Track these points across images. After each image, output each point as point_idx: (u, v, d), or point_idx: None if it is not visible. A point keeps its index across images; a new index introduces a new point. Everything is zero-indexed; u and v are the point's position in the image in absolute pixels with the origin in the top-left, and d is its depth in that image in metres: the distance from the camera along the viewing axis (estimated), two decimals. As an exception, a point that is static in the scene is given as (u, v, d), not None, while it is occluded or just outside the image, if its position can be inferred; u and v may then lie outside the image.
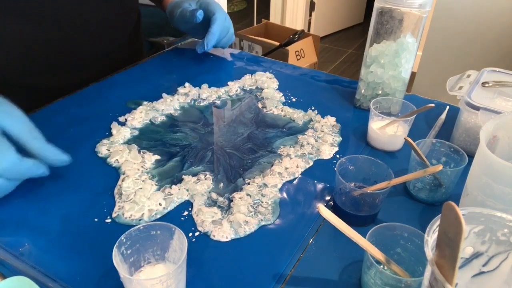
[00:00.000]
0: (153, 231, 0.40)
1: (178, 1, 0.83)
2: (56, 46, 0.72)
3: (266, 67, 0.86)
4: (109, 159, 0.58)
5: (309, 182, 0.55)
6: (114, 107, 0.70)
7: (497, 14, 1.75)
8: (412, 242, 0.40)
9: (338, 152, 0.61)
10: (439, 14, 1.91)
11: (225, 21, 0.81)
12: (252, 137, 0.64)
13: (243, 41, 2.20)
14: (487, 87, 0.60)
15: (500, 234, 0.32)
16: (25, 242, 0.45)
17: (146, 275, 0.40)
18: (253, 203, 0.51)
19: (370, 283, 0.39)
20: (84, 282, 0.41)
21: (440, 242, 0.28)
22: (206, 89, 0.76)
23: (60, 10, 0.69)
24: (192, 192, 0.52)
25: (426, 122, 0.68)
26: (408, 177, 0.47)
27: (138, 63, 0.87)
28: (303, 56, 2.18)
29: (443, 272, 0.27)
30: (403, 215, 0.50)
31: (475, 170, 0.41)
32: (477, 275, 0.34)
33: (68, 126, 0.65)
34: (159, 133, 0.64)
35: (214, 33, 0.79)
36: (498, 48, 1.80)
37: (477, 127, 0.57)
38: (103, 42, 0.79)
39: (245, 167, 0.57)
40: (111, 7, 0.77)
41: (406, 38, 0.63)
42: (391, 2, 0.60)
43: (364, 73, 0.68)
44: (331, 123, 0.67)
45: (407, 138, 0.50)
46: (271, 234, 0.47)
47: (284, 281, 0.42)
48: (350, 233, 0.39)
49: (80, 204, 0.51)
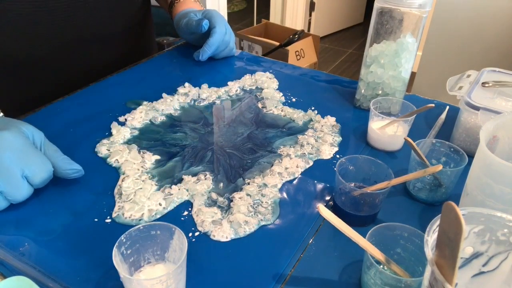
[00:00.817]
0: (153, 231, 0.40)
1: (184, 12, 0.85)
2: (63, 27, 0.73)
3: (266, 67, 0.86)
4: (109, 159, 0.58)
5: (309, 182, 0.55)
6: (114, 107, 0.70)
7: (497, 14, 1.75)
8: (412, 242, 0.40)
9: (338, 152, 0.61)
10: (439, 14, 1.91)
11: (224, 35, 0.83)
12: (252, 137, 0.64)
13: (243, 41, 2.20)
14: (487, 87, 0.60)
15: (500, 234, 0.32)
16: (25, 242, 0.45)
17: (146, 275, 0.40)
18: (253, 203, 0.51)
19: (370, 283, 0.39)
20: (84, 282, 0.41)
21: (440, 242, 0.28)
22: (206, 89, 0.76)
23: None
24: (192, 192, 0.52)
25: (426, 122, 0.68)
26: (408, 177, 0.47)
27: (138, 63, 0.87)
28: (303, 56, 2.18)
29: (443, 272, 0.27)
30: (403, 215, 0.50)
31: (475, 170, 0.41)
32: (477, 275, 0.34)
33: (68, 126, 0.65)
34: (159, 133, 0.64)
35: (211, 45, 0.81)
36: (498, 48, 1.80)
37: (477, 127, 0.57)
38: (109, 21, 0.81)
39: (245, 167, 0.57)
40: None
41: (406, 38, 0.63)
42: (391, 2, 0.60)
43: (364, 73, 0.68)
44: (331, 123, 0.67)
45: (407, 138, 0.50)
46: (271, 234, 0.48)
47: (284, 281, 0.42)
48: (350, 233, 0.39)
49: (80, 204, 0.51)
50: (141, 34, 0.93)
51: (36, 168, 0.48)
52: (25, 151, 0.48)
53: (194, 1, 0.90)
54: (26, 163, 0.48)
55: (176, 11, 0.88)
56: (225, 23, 0.83)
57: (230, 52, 0.88)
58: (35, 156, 0.49)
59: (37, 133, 0.52)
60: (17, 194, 0.48)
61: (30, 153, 0.49)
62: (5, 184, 0.46)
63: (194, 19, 0.82)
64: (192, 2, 0.89)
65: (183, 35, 0.88)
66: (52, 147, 0.52)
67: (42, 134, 0.53)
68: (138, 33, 0.92)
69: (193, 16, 0.83)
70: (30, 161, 0.48)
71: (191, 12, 0.84)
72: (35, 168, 0.48)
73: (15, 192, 0.47)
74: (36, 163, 0.48)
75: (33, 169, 0.48)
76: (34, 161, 0.48)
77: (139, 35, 0.92)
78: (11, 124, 0.50)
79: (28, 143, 0.49)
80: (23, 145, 0.48)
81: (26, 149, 0.48)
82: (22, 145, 0.48)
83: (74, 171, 0.52)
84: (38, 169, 0.48)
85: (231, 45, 0.87)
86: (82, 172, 0.53)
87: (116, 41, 0.85)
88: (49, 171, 0.50)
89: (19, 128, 0.50)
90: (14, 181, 0.47)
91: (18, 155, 0.47)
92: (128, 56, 0.89)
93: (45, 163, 0.50)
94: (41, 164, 0.49)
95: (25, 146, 0.48)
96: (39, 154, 0.50)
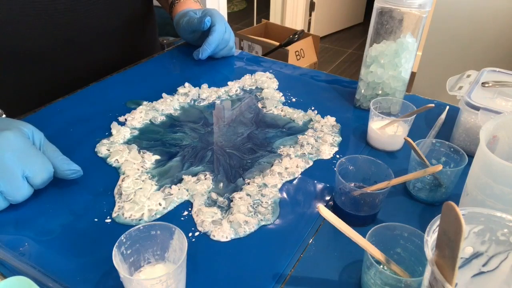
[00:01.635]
0: (153, 231, 0.40)
1: (184, 12, 0.85)
2: (65, 21, 0.73)
3: (266, 67, 0.86)
4: (109, 159, 0.58)
5: (309, 182, 0.55)
6: (114, 107, 0.70)
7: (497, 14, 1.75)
8: (412, 242, 0.40)
9: (338, 152, 0.61)
10: (439, 14, 1.91)
11: (224, 34, 0.83)
12: (252, 137, 0.64)
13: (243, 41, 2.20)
14: (487, 87, 0.60)
15: (500, 234, 0.32)
16: (25, 242, 0.45)
17: (146, 275, 0.40)
18: (253, 203, 0.51)
19: (370, 283, 0.39)
20: (84, 282, 0.41)
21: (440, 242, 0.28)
22: (206, 89, 0.76)
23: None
24: (192, 192, 0.52)
25: (426, 122, 0.68)
26: (408, 177, 0.47)
27: (138, 63, 0.87)
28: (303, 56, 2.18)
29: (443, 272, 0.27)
30: (403, 215, 0.50)
31: (475, 170, 0.41)
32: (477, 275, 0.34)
33: (68, 126, 0.65)
34: (159, 133, 0.64)
35: (210, 43, 0.81)
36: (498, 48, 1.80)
37: (477, 127, 0.57)
38: (110, 15, 0.81)
39: (245, 167, 0.57)
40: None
41: (406, 38, 0.63)
42: (391, 2, 0.60)
43: (364, 73, 0.68)
44: (331, 123, 0.67)
45: (407, 138, 0.50)
46: (271, 234, 0.48)
47: (284, 281, 0.42)
48: (350, 233, 0.39)
49: (80, 204, 0.51)
50: (144, 31, 0.93)
51: (37, 168, 0.48)
52: (26, 152, 0.48)
53: (195, 1, 0.91)
54: (27, 164, 0.48)
55: (177, 11, 0.88)
56: (224, 21, 0.84)
57: (230, 51, 0.88)
58: (36, 157, 0.49)
59: (37, 133, 0.52)
60: (17, 194, 0.48)
61: (31, 154, 0.49)
62: (5, 184, 0.46)
63: (196, 17, 0.82)
64: (193, 3, 0.90)
65: (183, 34, 0.88)
66: (51, 147, 0.52)
67: (42, 134, 0.53)
68: (140, 29, 0.92)
69: (194, 14, 0.83)
70: (31, 162, 0.48)
71: (191, 11, 0.84)
72: (36, 168, 0.48)
73: (15, 192, 0.47)
74: (37, 163, 0.49)
75: (34, 170, 0.48)
76: (35, 161, 0.48)
77: (141, 32, 0.92)
78: (12, 124, 0.50)
79: (29, 143, 0.49)
80: (24, 146, 0.48)
81: (27, 149, 0.49)
82: (23, 145, 0.48)
83: (73, 172, 0.52)
84: (39, 169, 0.48)
85: (231, 44, 0.87)
86: (81, 172, 0.53)
87: (118, 36, 0.85)
88: (50, 172, 0.50)
89: (20, 128, 0.50)
90: (14, 181, 0.47)
91: (19, 155, 0.47)
92: (131, 53, 0.90)
93: (46, 163, 0.50)
94: (41, 164, 0.49)
95: (26, 147, 0.49)
96: (40, 154, 0.50)
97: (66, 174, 0.51)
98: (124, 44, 0.88)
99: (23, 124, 0.51)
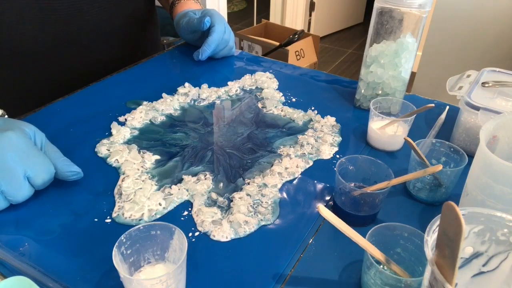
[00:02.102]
0: (153, 231, 0.40)
1: (184, 12, 0.86)
2: (67, 19, 0.74)
3: (266, 67, 0.86)
4: (109, 159, 0.58)
5: (309, 182, 0.55)
6: (114, 107, 0.70)
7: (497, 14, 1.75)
8: (412, 242, 0.40)
9: (338, 152, 0.61)
10: (439, 14, 1.91)
11: (224, 34, 0.83)
12: (252, 137, 0.64)
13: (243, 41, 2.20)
14: (487, 87, 0.60)
15: (500, 234, 0.32)
16: (25, 242, 0.45)
17: (146, 275, 0.40)
18: (253, 203, 0.51)
19: (370, 283, 0.39)
20: (84, 282, 0.41)
21: (440, 242, 0.28)
22: (206, 89, 0.76)
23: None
24: (192, 192, 0.52)
25: (426, 122, 0.68)
26: (408, 177, 0.47)
27: (138, 63, 0.87)
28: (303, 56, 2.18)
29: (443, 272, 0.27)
30: (403, 215, 0.50)
31: (475, 170, 0.41)
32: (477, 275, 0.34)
33: (68, 126, 0.65)
34: (159, 133, 0.64)
35: (210, 44, 0.81)
36: (498, 48, 1.80)
37: (477, 127, 0.57)
38: (111, 12, 0.81)
39: (245, 167, 0.57)
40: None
41: (406, 38, 0.63)
42: (391, 2, 0.60)
43: (364, 73, 0.68)
44: (331, 123, 0.67)
45: (407, 138, 0.50)
46: (271, 234, 0.48)
47: (284, 281, 0.42)
48: (350, 233, 0.39)
49: (80, 204, 0.51)
50: (146, 30, 0.93)
51: (38, 169, 0.48)
52: (28, 152, 0.48)
53: (195, 2, 0.91)
54: (29, 164, 0.48)
55: (177, 11, 0.88)
56: (224, 22, 0.84)
57: (230, 51, 0.88)
58: (38, 157, 0.49)
59: (39, 134, 0.52)
60: (18, 194, 0.48)
61: (33, 154, 0.49)
62: (6, 184, 0.46)
63: (195, 17, 0.82)
64: (193, 3, 0.90)
65: (183, 34, 0.88)
66: (52, 148, 0.52)
67: (43, 135, 0.53)
68: (143, 29, 0.92)
69: (193, 15, 0.83)
70: (32, 162, 0.48)
71: (191, 12, 0.85)
72: (37, 169, 0.48)
73: (16, 193, 0.47)
74: (39, 164, 0.49)
75: (36, 170, 0.48)
76: (37, 162, 0.48)
77: (143, 31, 0.92)
78: (14, 124, 0.50)
79: (31, 144, 0.50)
80: (26, 146, 0.48)
81: (29, 150, 0.49)
82: (25, 145, 0.48)
83: (73, 174, 0.52)
84: (40, 170, 0.48)
85: (231, 44, 0.87)
86: (81, 174, 0.53)
87: (120, 35, 0.85)
88: (51, 173, 0.50)
89: (22, 129, 0.50)
90: (16, 181, 0.47)
91: (21, 155, 0.47)
92: (133, 53, 0.90)
93: (47, 164, 0.50)
94: (43, 165, 0.49)
95: (28, 147, 0.49)
96: (41, 155, 0.50)
97: (66, 176, 0.52)
98: (126, 44, 0.88)
99: (25, 125, 0.51)
